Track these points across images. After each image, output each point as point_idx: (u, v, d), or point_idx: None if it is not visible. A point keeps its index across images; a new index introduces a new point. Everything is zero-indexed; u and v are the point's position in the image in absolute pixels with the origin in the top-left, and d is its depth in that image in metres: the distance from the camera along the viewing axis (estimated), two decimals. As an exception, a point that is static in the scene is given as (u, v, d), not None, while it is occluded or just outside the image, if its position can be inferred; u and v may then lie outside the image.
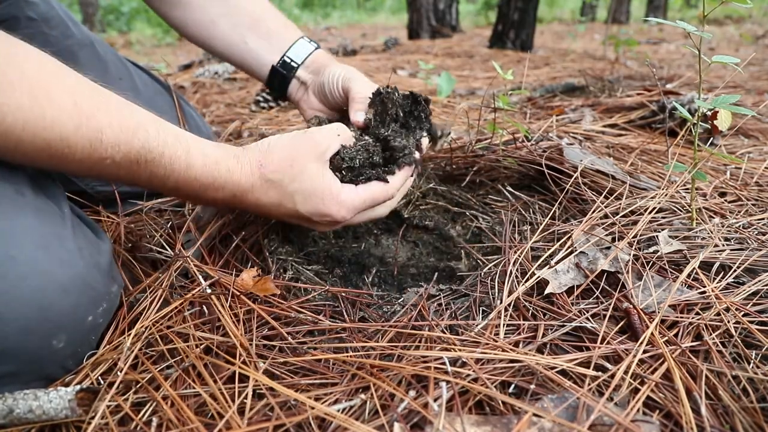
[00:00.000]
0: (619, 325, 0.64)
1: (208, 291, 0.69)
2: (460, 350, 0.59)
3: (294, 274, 0.82)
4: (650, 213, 0.85)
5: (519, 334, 0.64)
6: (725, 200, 0.94)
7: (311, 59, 0.95)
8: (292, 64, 0.95)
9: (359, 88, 0.84)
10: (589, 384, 0.54)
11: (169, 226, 0.85)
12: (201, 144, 0.64)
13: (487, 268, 0.82)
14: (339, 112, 0.96)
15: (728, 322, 0.62)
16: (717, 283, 0.70)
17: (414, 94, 0.83)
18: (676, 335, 0.62)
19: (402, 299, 0.78)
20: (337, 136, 0.71)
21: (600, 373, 0.55)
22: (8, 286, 0.49)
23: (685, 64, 2.90)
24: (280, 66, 0.95)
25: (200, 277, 0.71)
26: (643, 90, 1.73)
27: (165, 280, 0.72)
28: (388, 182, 0.74)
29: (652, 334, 0.60)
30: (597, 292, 0.71)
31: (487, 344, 0.61)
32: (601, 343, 0.61)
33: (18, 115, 0.49)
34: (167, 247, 0.81)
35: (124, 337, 0.62)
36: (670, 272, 0.73)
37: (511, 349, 0.60)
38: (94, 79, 0.59)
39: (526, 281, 0.72)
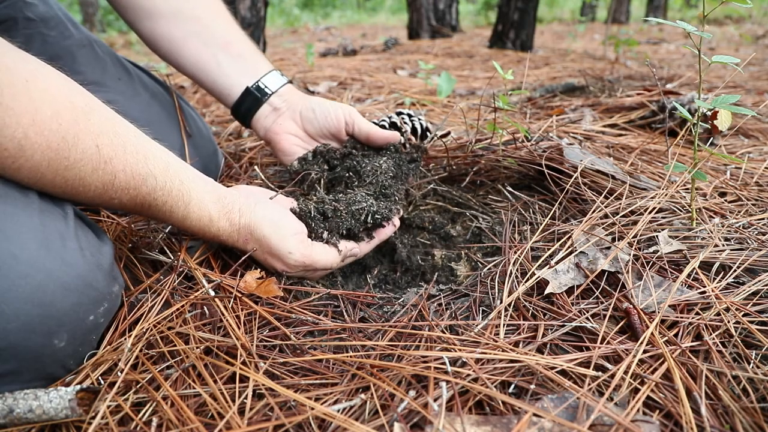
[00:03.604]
0: (619, 325, 0.64)
1: (212, 294, 0.69)
2: (460, 350, 0.59)
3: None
4: (650, 213, 0.85)
5: (519, 334, 0.64)
6: (725, 200, 0.94)
7: (284, 89, 0.98)
8: (266, 90, 0.96)
9: (369, 128, 0.92)
10: (589, 384, 0.54)
11: (167, 230, 0.85)
12: (201, 196, 0.69)
13: (487, 268, 0.82)
14: (319, 140, 0.97)
15: (728, 322, 0.62)
16: (717, 283, 0.70)
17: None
18: (676, 335, 0.62)
19: (402, 299, 0.78)
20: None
21: (600, 373, 0.55)
22: (10, 284, 0.49)
23: (685, 64, 2.90)
24: (254, 89, 0.96)
25: (204, 281, 0.71)
26: (643, 90, 1.73)
27: (167, 283, 0.72)
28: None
29: (652, 334, 0.61)
30: (597, 292, 0.71)
31: (487, 344, 0.61)
32: (601, 343, 0.61)
33: (46, 153, 0.53)
34: (167, 249, 0.81)
35: (125, 338, 0.62)
36: (670, 272, 0.73)
37: (511, 349, 0.60)
38: (117, 108, 0.62)
39: (526, 281, 0.72)
